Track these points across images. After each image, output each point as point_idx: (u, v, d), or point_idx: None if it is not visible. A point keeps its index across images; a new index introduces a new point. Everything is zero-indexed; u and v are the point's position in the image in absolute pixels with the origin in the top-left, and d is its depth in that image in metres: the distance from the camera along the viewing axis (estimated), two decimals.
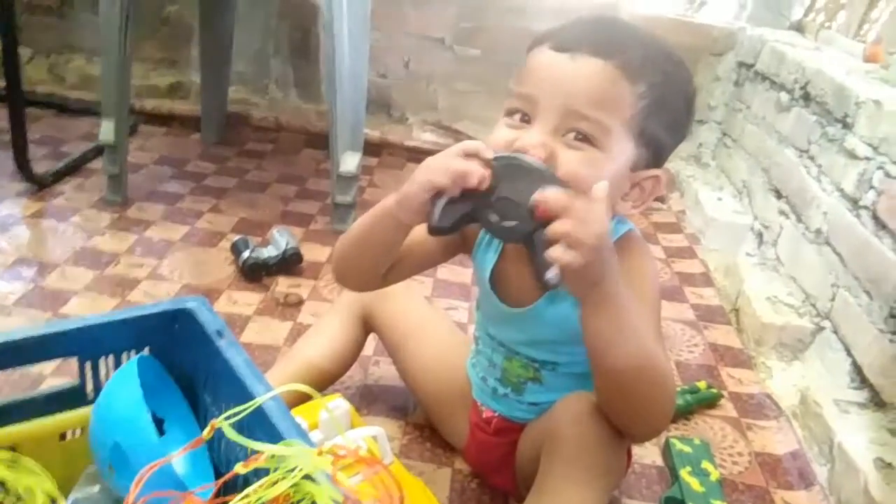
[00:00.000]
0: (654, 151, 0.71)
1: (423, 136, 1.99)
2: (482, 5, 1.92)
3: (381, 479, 0.53)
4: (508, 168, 0.63)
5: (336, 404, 0.83)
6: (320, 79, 1.98)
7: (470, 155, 0.63)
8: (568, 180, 0.63)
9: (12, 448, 0.67)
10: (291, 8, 1.87)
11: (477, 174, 0.62)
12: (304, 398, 0.78)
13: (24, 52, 1.91)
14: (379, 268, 0.79)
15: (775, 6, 1.88)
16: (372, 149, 1.89)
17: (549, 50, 0.68)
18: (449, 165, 0.63)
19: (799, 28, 1.89)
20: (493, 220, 0.63)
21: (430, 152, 1.99)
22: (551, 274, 0.60)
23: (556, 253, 0.59)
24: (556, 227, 0.59)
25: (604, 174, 0.66)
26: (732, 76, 1.89)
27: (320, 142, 1.77)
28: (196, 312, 0.74)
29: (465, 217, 0.65)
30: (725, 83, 1.91)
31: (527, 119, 0.68)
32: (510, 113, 0.70)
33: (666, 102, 0.69)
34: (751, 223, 1.61)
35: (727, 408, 1.12)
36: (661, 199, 1.92)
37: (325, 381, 0.93)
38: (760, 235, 1.55)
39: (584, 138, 0.66)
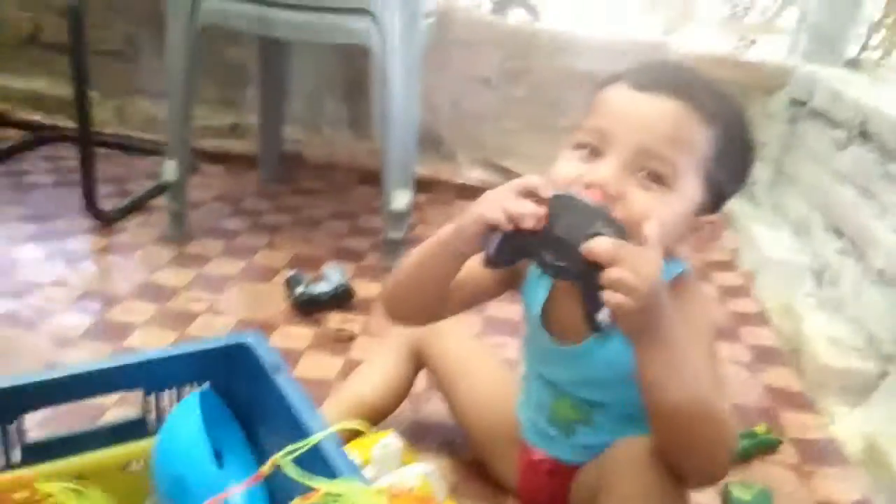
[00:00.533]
0: (716, 197, 0.71)
1: (472, 174, 2.01)
2: (527, 46, 1.94)
3: None
4: (564, 206, 0.63)
5: (389, 441, 0.84)
6: (372, 117, 2.03)
7: (528, 192, 0.64)
8: (635, 219, 0.64)
9: (78, 477, 0.69)
10: (344, 50, 1.93)
11: (530, 217, 0.62)
12: (356, 433, 0.79)
13: (92, 95, 2.01)
14: (431, 300, 0.80)
15: (829, 43, 1.86)
16: (422, 186, 1.91)
17: (628, 89, 0.69)
18: (505, 204, 0.64)
19: (854, 65, 1.86)
20: (546, 258, 0.63)
21: (478, 189, 1.99)
22: (602, 316, 0.61)
23: (608, 297, 0.59)
24: (609, 274, 0.59)
25: (670, 216, 0.67)
26: (786, 114, 1.86)
27: (373, 179, 1.80)
28: (254, 347, 0.76)
29: (519, 252, 0.65)
30: (779, 120, 1.88)
31: (596, 153, 0.68)
32: (578, 146, 0.70)
33: (733, 150, 0.70)
34: (808, 262, 1.57)
35: (788, 453, 1.09)
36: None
37: (376, 417, 0.94)
38: (819, 275, 1.51)
39: (656, 178, 0.67)
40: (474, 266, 0.73)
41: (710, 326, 0.75)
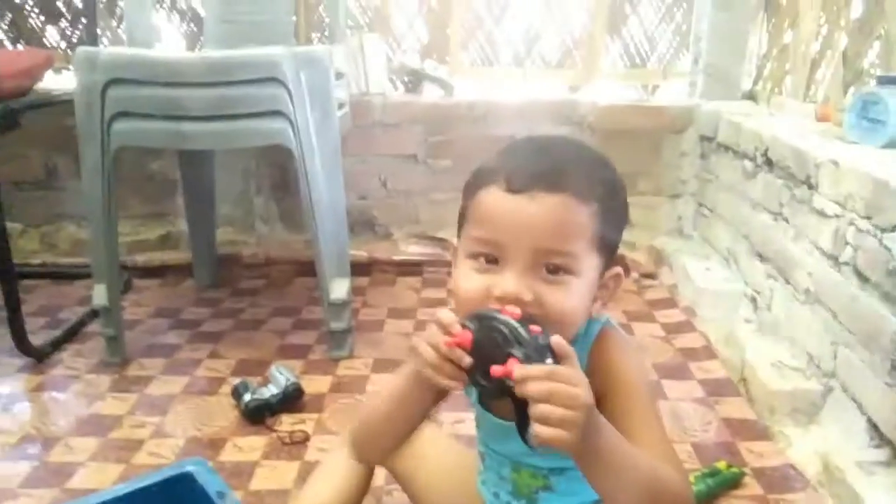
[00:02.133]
0: (611, 252, 0.73)
1: (410, 249, 2.03)
2: (446, 119, 2.00)
3: None
4: (482, 331, 0.65)
5: None
6: (303, 210, 2.04)
7: (446, 329, 0.66)
8: (552, 319, 0.66)
9: None
10: (268, 148, 1.95)
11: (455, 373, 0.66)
12: None
13: (14, 227, 1.98)
14: (406, 437, 0.82)
15: (724, 79, 1.97)
16: (361, 268, 1.93)
17: (504, 193, 0.69)
18: (431, 358, 0.67)
19: (751, 97, 1.97)
20: (478, 380, 0.65)
21: (417, 264, 2.01)
22: (532, 440, 0.62)
23: (539, 431, 0.60)
24: (537, 410, 0.60)
25: (581, 298, 0.70)
26: (697, 150, 1.95)
27: (310, 270, 1.79)
28: (197, 476, 0.74)
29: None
30: (692, 157, 1.97)
31: (493, 261, 0.69)
32: (474, 256, 0.70)
33: (613, 208, 0.72)
34: (742, 289, 1.62)
35: (752, 485, 1.10)
36: (651, 276, 1.94)
37: None
38: (754, 300, 1.56)
39: (558, 270, 0.68)
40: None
41: (641, 377, 0.76)
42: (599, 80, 2.15)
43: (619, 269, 0.74)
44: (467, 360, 0.65)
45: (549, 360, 0.62)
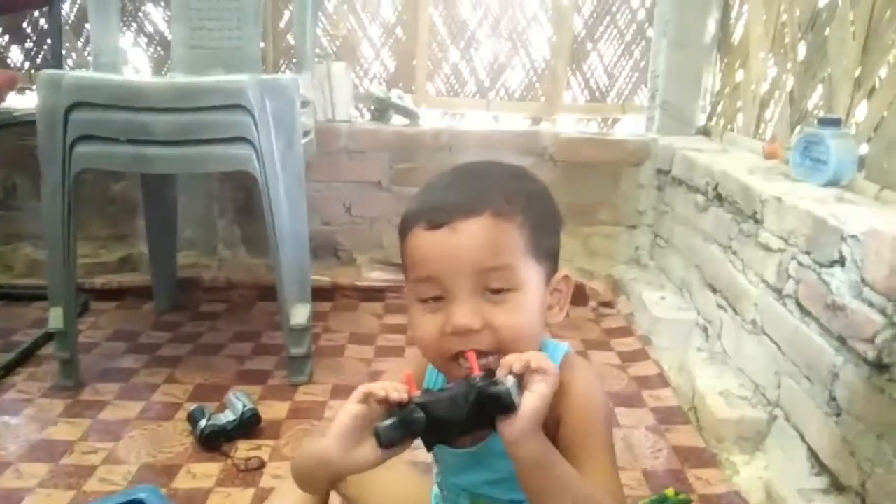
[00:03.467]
0: (552, 257, 0.76)
1: (373, 275, 2.05)
2: (411, 146, 2.04)
3: None
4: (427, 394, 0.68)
5: None
6: (266, 234, 2.04)
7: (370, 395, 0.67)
8: (508, 339, 0.69)
9: None
10: (232, 173, 1.96)
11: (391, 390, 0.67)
12: None
13: None
14: (341, 479, 0.83)
15: (679, 115, 2.04)
16: (324, 294, 1.93)
17: (426, 231, 0.71)
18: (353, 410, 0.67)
19: (705, 132, 2.04)
20: (430, 437, 0.67)
21: (380, 290, 2.02)
22: (510, 383, 0.64)
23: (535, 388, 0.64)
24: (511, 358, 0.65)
25: (532, 309, 0.72)
26: (654, 182, 2.01)
27: (272, 294, 1.79)
28: (147, 503, 0.74)
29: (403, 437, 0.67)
30: (649, 189, 2.03)
31: (440, 300, 0.71)
32: (422, 300, 0.72)
33: (541, 215, 0.74)
34: (695, 318, 1.66)
35: None
36: (609, 304, 1.98)
37: None
38: (705, 330, 1.61)
39: (501, 289, 0.70)
40: None
41: (603, 404, 0.78)
42: (561, 113, 2.21)
43: (566, 272, 0.76)
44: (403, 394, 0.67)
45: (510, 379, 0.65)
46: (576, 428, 0.75)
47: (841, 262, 1.06)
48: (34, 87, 1.95)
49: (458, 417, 0.66)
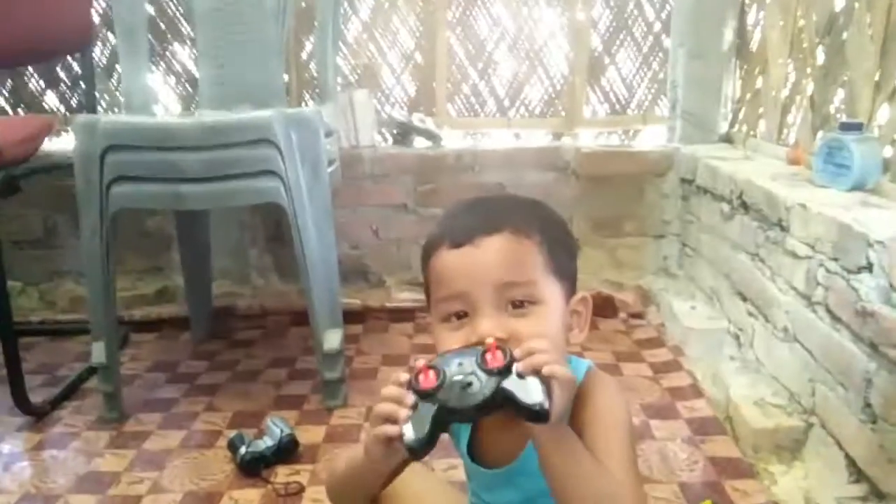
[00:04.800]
0: (570, 279, 0.78)
1: (402, 296, 2.07)
2: (435, 168, 2.07)
3: None
4: (443, 359, 0.67)
5: None
6: (295, 261, 2.09)
7: (397, 394, 0.68)
8: (530, 350, 0.69)
9: None
10: (261, 203, 2.01)
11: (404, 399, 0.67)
12: None
13: (14, 285, 2.02)
14: (371, 495, 0.84)
15: (701, 124, 2.04)
16: (355, 317, 1.96)
17: (450, 251, 0.74)
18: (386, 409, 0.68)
19: (728, 140, 2.04)
20: (455, 405, 0.64)
21: (410, 310, 2.04)
22: (540, 397, 0.63)
23: (550, 370, 0.64)
24: (532, 356, 0.65)
25: (553, 323, 0.74)
26: (678, 192, 2.01)
27: (305, 320, 1.83)
28: None
29: (435, 420, 0.65)
30: (673, 199, 2.02)
31: (463, 316, 0.73)
32: (446, 318, 0.75)
33: (557, 239, 0.77)
34: (726, 327, 1.66)
35: None
36: (639, 316, 1.98)
37: None
38: (737, 338, 1.60)
39: (524, 302, 0.73)
40: None
41: (626, 417, 0.79)
42: (582, 127, 2.22)
43: (584, 294, 0.79)
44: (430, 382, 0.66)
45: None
46: (597, 434, 0.76)
47: (868, 267, 1.05)
48: (69, 128, 2.04)
49: (473, 405, 0.64)
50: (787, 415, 1.29)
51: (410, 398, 0.67)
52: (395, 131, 2.19)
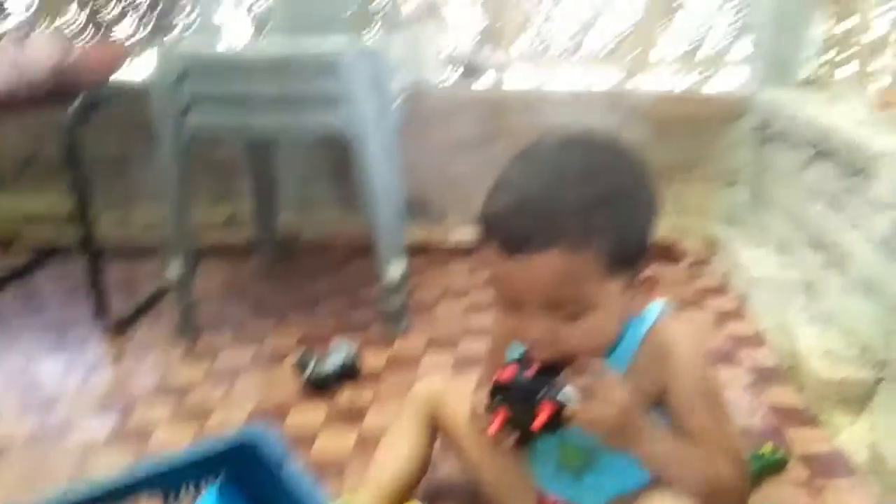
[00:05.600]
0: (639, 257, 0.74)
1: (463, 233, 2.08)
2: (498, 107, 2.04)
3: None
4: (508, 402, 0.74)
5: None
6: (359, 193, 2.11)
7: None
8: (582, 351, 0.73)
9: None
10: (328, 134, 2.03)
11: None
12: None
13: (94, 206, 2.10)
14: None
15: (782, 67, 1.95)
16: (416, 251, 1.97)
17: (499, 256, 0.70)
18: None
19: (810, 84, 1.94)
20: (533, 433, 0.74)
21: (471, 248, 2.04)
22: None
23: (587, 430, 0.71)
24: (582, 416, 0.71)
25: (608, 320, 0.73)
26: (753, 138, 1.94)
27: (367, 251, 1.86)
28: (261, 441, 0.81)
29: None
30: (747, 146, 1.95)
31: (516, 306, 0.73)
32: (501, 300, 0.75)
33: (625, 223, 0.71)
34: (797, 278, 1.61)
35: (797, 470, 1.11)
36: (703, 264, 1.94)
37: (409, 493, 0.97)
38: (808, 290, 1.56)
39: (573, 311, 0.71)
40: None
41: (702, 365, 0.79)
42: (653, 68, 2.15)
43: (650, 273, 0.76)
44: (511, 440, 0.76)
45: (563, 388, 0.71)
46: (681, 396, 0.77)
47: None
48: (146, 56, 2.08)
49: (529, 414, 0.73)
50: (856, 367, 1.26)
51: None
52: (460, 68, 2.16)
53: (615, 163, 0.75)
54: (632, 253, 0.73)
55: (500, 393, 0.74)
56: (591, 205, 0.69)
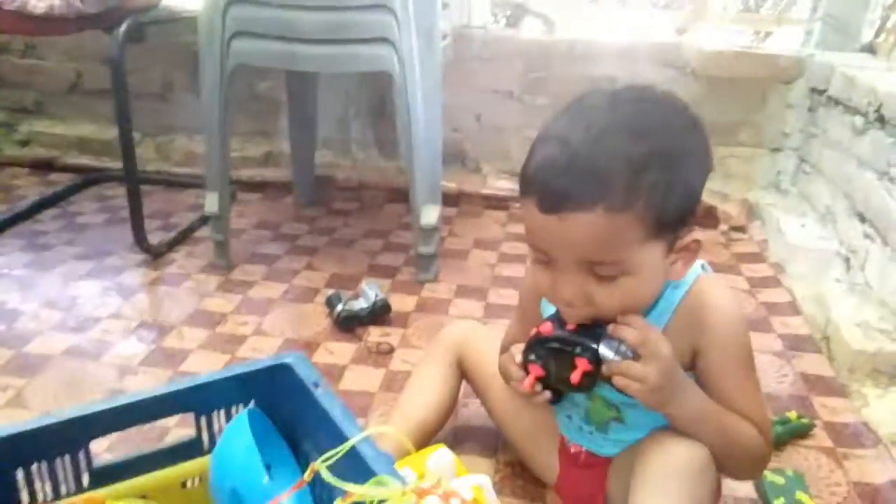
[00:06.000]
0: (685, 219, 0.71)
1: (498, 184, 2.07)
2: (545, 56, 1.99)
3: None
4: (545, 357, 0.75)
5: (441, 453, 0.87)
6: (397, 137, 2.10)
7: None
8: (610, 315, 0.72)
9: (143, 496, 0.75)
10: (367, 75, 2.01)
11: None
12: (408, 451, 0.84)
13: (134, 135, 2.12)
14: None
15: (843, 30, 1.86)
16: (450, 199, 1.98)
17: (538, 211, 0.68)
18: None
19: (870, 50, 1.86)
20: (566, 389, 0.77)
21: (505, 199, 2.04)
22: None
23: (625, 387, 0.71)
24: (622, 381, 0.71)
25: (644, 286, 0.71)
26: (805, 103, 1.87)
27: (401, 196, 1.87)
28: (295, 367, 0.82)
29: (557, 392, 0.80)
30: (799, 110, 1.89)
31: (551, 263, 0.71)
32: (537, 256, 0.73)
33: (674, 185, 0.67)
34: (836, 248, 1.58)
35: (821, 437, 1.11)
36: (741, 229, 1.91)
37: (435, 433, 0.99)
38: (847, 261, 1.52)
39: (609, 273, 0.69)
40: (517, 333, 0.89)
41: (740, 328, 0.78)
42: (708, 23, 2.07)
43: (695, 236, 0.72)
44: (546, 394, 0.78)
45: (603, 341, 0.71)
46: (714, 360, 0.77)
47: None
48: None
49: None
50: (891, 340, 1.24)
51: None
52: (508, 13, 2.11)
53: (669, 120, 0.70)
54: (677, 216, 0.69)
55: (538, 346, 0.74)
56: (639, 164, 0.65)
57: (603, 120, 0.68)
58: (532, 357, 0.75)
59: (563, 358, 0.72)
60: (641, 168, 0.65)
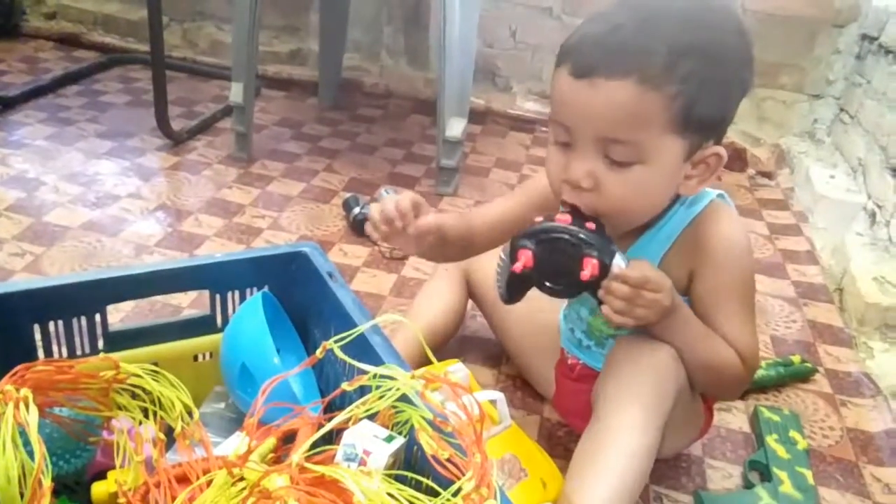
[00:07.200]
0: (710, 128, 0.69)
1: (527, 105, 2.02)
2: None
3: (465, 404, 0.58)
4: (541, 246, 0.70)
5: (456, 368, 0.88)
6: (429, 47, 2.04)
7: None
8: (614, 209, 0.69)
9: (155, 363, 0.76)
10: None
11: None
12: (424, 363, 0.85)
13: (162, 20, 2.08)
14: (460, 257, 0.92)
15: None
16: (476, 116, 1.94)
17: (568, 76, 0.67)
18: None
19: None
20: (547, 285, 0.72)
21: (532, 121, 2.00)
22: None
23: (614, 318, 0.69)
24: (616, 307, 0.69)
25: (653, 183, 0.69)
26: (854, 49, 1.80)
27: (427, 108, 1.84)
28: (310, 256, 0.83)
29: (524, 288, 0.76)
30: (846, 56, 1.82)
31: (567, 146, 0.70)
32: (556, 141, 0.72)
33: (710, 82, 0.66)
34: (864, 202, 1.55)
35: (821, 383, 1.11)
36: (768, 175, 1.87)
37: (445, 342, 1.01)
38: (873, 216, 1.50)
39: (624, 158, 0.67)
40: (507, 208, 0.86)
41: (744, 256, 0.77)
42: None
43: (719, 150, 0.70)
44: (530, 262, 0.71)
45: (617, 253, 0.68)
46: (706, 283, 0.76)
47: None
48: None
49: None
50: None
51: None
52: None
53: (721, 24, 0.68)
54: (705, 118, 0.67)
55: (543, 233, 0.70)
56: (680, 50, 0.64)
57: (654, 6, 0.68)
58: (526, 243, 0.70)
59: (570, 253, 0.68)
60: (682, 54, 0.64)
